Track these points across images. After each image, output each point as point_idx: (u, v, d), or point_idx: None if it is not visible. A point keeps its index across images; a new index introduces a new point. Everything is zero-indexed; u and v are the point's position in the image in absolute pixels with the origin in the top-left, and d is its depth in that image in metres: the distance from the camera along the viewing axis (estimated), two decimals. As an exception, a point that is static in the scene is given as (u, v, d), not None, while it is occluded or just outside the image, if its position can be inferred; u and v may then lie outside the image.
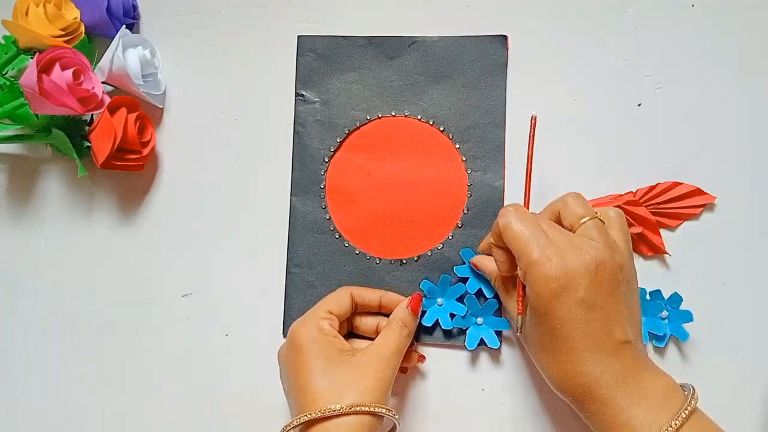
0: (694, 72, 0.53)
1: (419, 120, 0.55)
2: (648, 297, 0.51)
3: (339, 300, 0.48)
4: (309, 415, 0.42)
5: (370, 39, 0.56)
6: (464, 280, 0.53)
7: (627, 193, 0.52)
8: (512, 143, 0.54)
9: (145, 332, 0.56)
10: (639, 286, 0.46)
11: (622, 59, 0.54)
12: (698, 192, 0.52)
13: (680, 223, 0.52)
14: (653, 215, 0.52)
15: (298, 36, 0.56)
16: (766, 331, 0.51)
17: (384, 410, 0.43)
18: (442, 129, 0.55)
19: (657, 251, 0.52)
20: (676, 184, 0.52)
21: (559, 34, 0.54)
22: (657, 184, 0.52)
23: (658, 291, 0.51)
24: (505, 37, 0.55)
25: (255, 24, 0.57)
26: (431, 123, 0.55)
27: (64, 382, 0.57)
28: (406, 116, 0.55)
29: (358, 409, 0.42)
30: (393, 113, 0.55)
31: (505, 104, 0.54)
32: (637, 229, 0.51)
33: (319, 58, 0.56)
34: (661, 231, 0.52)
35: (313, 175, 0.55)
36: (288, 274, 0.55)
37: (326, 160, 0.55)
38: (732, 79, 0.53)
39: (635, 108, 0.53)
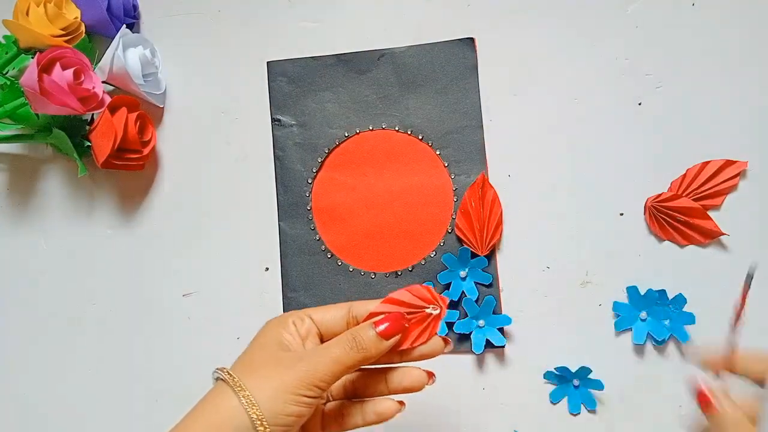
0: (694, 71, 0.53)
1: (397, 131, 0.55)
2: (642, 293, 0.51)
3: (330, 309, 0.41)
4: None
5: (339, 57, 0.56)
6: (447, 286, 0.53)
7: (661, 194, 0.52)
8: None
9: (146, 332, 0.56)
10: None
11: (623, 58, 0.54)
12: (729, 163, 0.51)
13: (724, 199, 0.52)
14: (696, 201, 0.51)
15: (267, 62, 0.57)
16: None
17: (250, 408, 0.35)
18: (420, 137, 0.55)
19: (713, 235, 0.51)
20: (705, 163, 0.52)
21: (558, 33, 0.54)
22: (686, 171, 0.52)
23: (663, 291, 0.50)
24: (472, 39, 0.55)
25: (255, 22, 0.57)
26: (409, 132, 0.55)
27: (64, 381, 0.57)
28: (383, 129, 0.55)
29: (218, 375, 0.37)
30: (371, 127, 0.55)
31: (480, 106, 0.54)
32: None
33: (291, 82, 0.56)
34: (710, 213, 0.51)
35: (299, 197, 0.55)
36: (285, 299, 0.55)
37: (310, 181, 0.55)
38: (732, 78, 0.53)
39: (635, 107, 0.53)
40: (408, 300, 0.40)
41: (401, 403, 0.40)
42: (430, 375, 0.40)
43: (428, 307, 0.39)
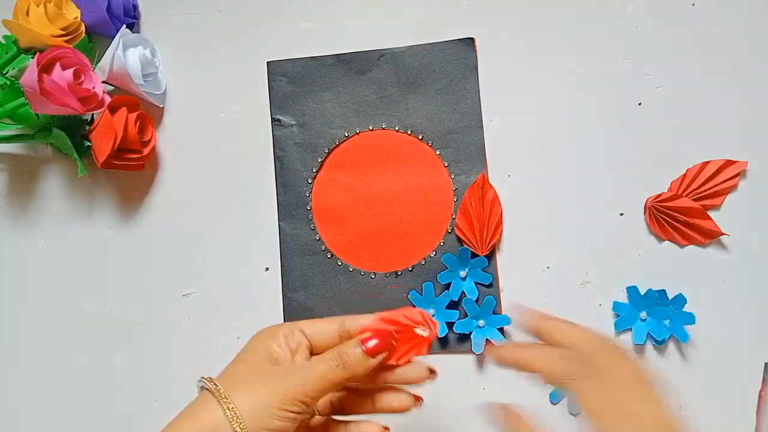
0: (694, 71, 0.53)
1: (397, 131, 0.55)
2: (642, 293, 0.51)
3: (321, 323, 0.41)
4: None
5: (338, 57, 0.56)
6: (447, 286, 0.53)
7: (661, 194, 0.52)
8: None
9: (145, 332, 0.56)
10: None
11: (623, 58, 0.54)
12: (729, 163, 0.51)
13: (724, 199, 0.52)
14: (696, 201, 0.51)
15: (267, 62, 0.57)
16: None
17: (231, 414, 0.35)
18: (420, 137, 0.55)
19: (713, 235, 0.51)
20: (705, 163, 0.52)
21: (558, 33, 0.54)
22: (686, 171, 0.52)
23: (663, 291, 0.50)
24: (472, 39, 0.55)
25: (255, 22, 0.57)
26: (409, 132, 0.55)
27: (64, 381, 0.57)
28: (383, 129, 0.55)
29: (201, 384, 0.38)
30: (370, 127, 0.55)
31: (480, 106, 0.54)
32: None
33: (291, 82, 0.56)
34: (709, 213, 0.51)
35: (298, 197, 0.55)
36: (284, 299, 0.55)
37: (310, 181, 0.55)
38: (732, 78, 0.53)
39: (635, 107, 0.53)
40: (401, 320, 0.40)
41: (386, 428, 0.40)
42: (417, 398, 0.41)
43: (417, 327, 0.39)
